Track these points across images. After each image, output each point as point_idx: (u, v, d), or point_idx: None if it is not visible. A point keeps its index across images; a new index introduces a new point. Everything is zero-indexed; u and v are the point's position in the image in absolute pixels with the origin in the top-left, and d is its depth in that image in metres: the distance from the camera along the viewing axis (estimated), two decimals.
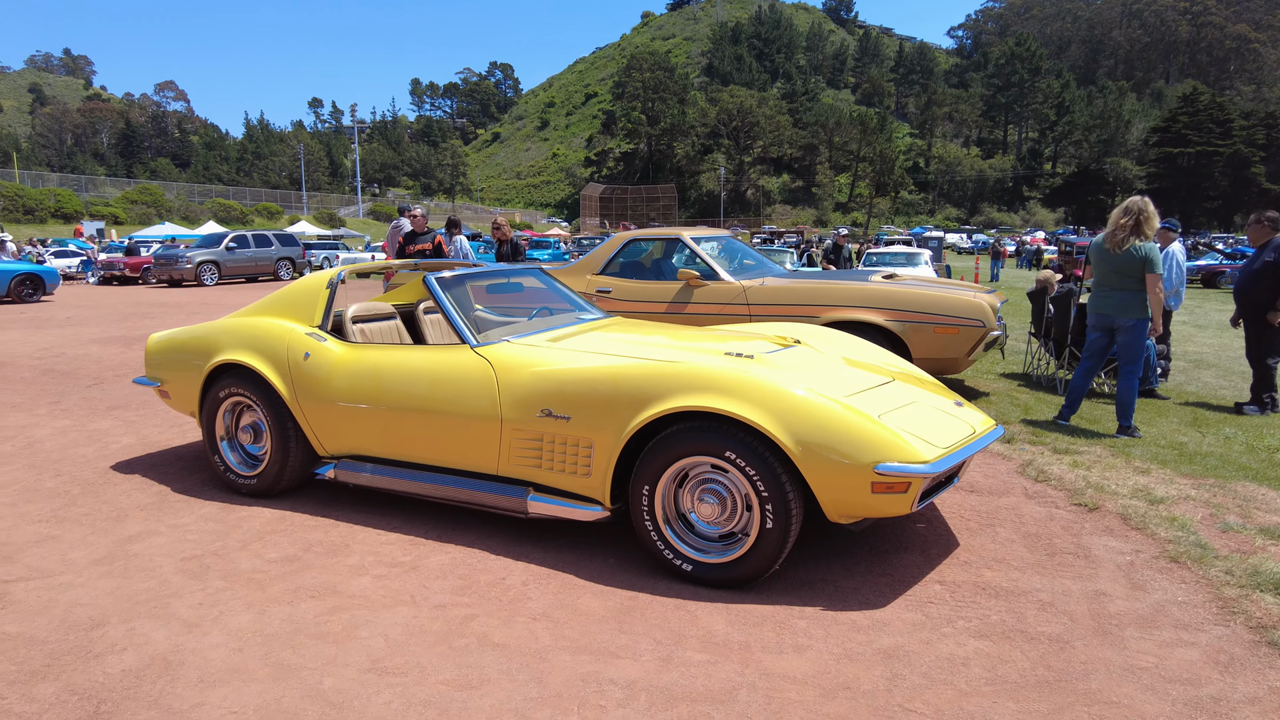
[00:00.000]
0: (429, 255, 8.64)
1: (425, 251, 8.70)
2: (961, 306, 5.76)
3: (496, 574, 3.30)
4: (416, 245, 8.84)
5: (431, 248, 8.75)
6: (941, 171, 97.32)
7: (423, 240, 8.86)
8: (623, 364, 3.30)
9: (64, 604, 3.08)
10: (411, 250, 8.78)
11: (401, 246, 8.87)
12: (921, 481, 2.85)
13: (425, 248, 8.75)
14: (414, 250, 8.78)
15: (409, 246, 8.82)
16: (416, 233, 8.99)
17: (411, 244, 8.89)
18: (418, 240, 8.92)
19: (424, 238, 8.90)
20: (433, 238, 8.89)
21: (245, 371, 4.20)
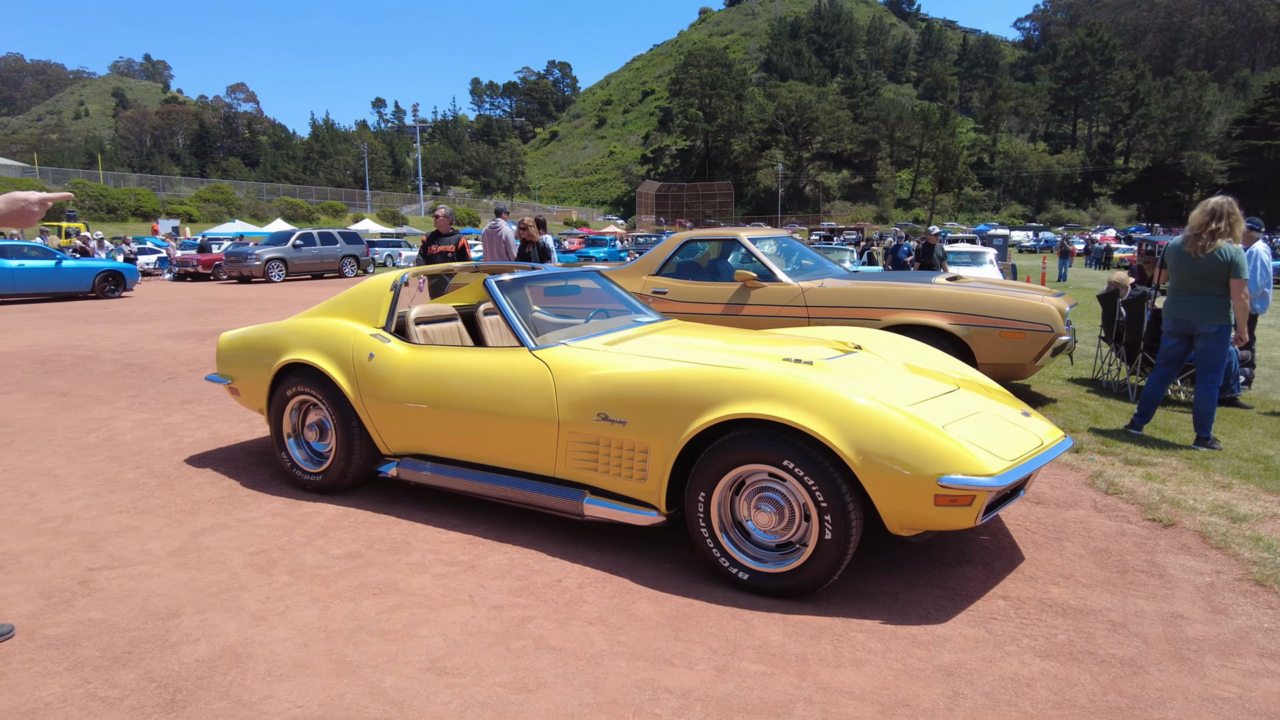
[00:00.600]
0: (452, 257, 8.40)
1: (449, 253, 8.44)
2: (1029, 310, 5.59)
3: (553, 576, 3.33)
4: (440, 246, 8.54)
5: (455, 249, 8.48)
6: (1006, 167, 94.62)
7: (446, 241, 8.56)
8: (679, 369, 3.29)
9: (142, 593, 3.21)
10: (435, 251, 8.51)
11: (424, 245, 8.63)
12: (986, 495, 2.78)
13: (448, 249, 8.47)
14: (437, 251, 8.50)
15: (431, 247, 8.55)
16: (440, 233, 8.67)
17: (435, 244, 8.58)
18: (441, 241, 8.60)
19: (448, 239, 8.59)
20: (457, 239, 8.58)
21: (312, 371, 4.32)
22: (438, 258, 8.51)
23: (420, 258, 8.64)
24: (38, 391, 7.35)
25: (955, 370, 3.98)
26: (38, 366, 8.74)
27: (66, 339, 11.02)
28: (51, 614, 3.05)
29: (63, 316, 14.18)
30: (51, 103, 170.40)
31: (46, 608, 3.10)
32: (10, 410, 6.59)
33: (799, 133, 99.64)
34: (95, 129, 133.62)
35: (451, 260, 8.25)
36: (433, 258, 8.54)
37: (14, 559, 3.58)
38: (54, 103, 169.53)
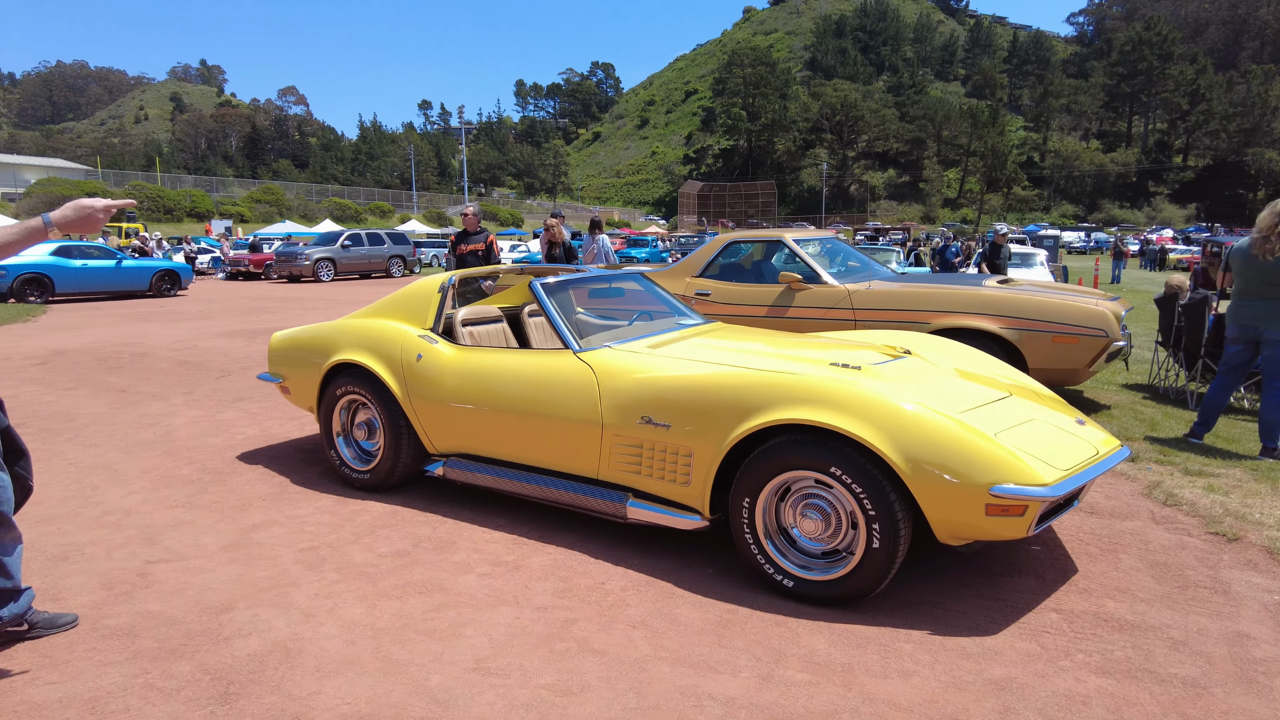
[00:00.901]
0: (480, 256, 8.36)
1: (478, 252, 8.39)
2: (1082, 314, 5.44)
3: (596, 578, 3.33)
4: (469, 245, 8.46)
5: (484, 248, 8.41)
6: (1057, 166, 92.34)
7: (475, 240, 8.48)
8: (723, 372, 3.27)
9: (197, 587, 3.30)
10: (464, 250, 8.43)
11: (453, 245, 8.57)
12: (1039, 505, 2.70)
13: (478, 248, 8.41)
14: (466, 250, 8.42)
15: (460, 246, 8.47)
16: (468, 232, 8.56)
17: (464, 243, 8.50)
18: (470, 240, 8.50)
19: (476, 237, 8.51)
20: (485, 238, 8.49)
21: (361, 371, 4.39)
22: (468, 257, 8.46)
23: (450, 255, 8.61)
24: (99, 388, 7.60)
25: (1007, 376, 3.89)
26: (99, 363, 9.04)
27: (125, 337, 11.38)
28: (112, 605, 3.14)
29: (122, 314, 14.65)
30: (113, 107, 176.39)
31: (108, 598, 3.20)
32: (75, 405, 6.82)
33: (844, 132, 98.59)
34: (154, 132, 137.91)
35: (481, 259, 8.31)
36: (463, 257, 8.50)
37: (78, 550, 3.70)
38: (115, 107, 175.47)
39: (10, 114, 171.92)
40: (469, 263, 8.39)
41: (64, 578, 3.40)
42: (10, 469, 2.73)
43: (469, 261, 8.41)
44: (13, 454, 2.73)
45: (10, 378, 8.16)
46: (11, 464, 2.73)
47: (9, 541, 2.75)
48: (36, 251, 16.95)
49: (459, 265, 8.33)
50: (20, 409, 6.63)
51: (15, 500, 2.76)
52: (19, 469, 2.76)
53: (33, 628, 2.87)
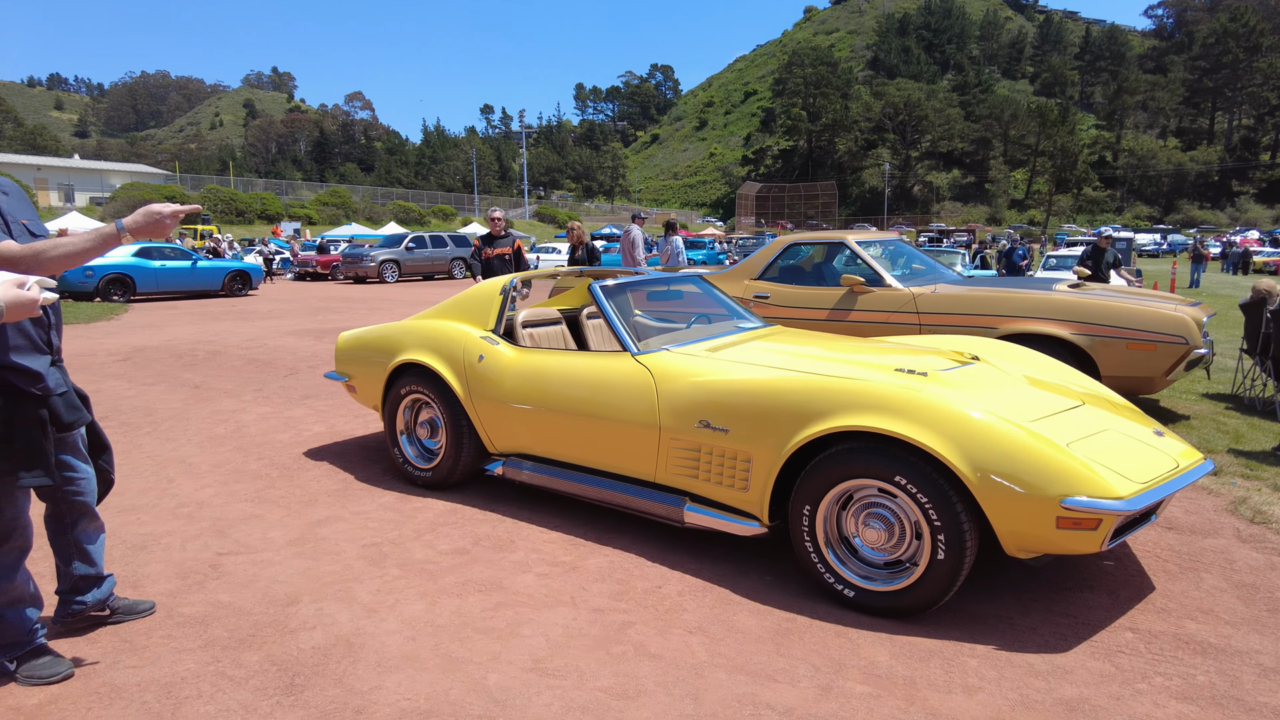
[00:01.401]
0: (508, 261, 8.24)
1: (505, 257, 8.25)
2: (1160, 320, 5.21)
3: (653, 581, 3.32)
4: (496, 249, 8.33)
5: (511, 253, 8.27)
6: (1132, 166, 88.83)
7: (502, 244, 8.33)
8: (784, 377, 3.22)
9: (265, 580, 3.40)
10: (491, 254, 8.30)
11: (478, 249, 8.44)
12: (1114, 519, 2.59)
13: (504, 252, 8.26)
14: (494, 254, 8.29)
15: (486, 250, 8.34)
16: (494, 236, 8.42)
17: (490, 247, 8.37)
18: (496, 244, 8.36)
19: (503, 241, 8.35)
20: (512, 241, 8.32)
21: (425, 371, 4.47)
22: (495, 262, 8.32)
23: (475, 261, 8.50)
24: (176, 384, 7.91)
25: (1079, 384, 3.75)
26: (175, 360, 9.41)
27: (200, 334, 11.83)
28: (187, 594, 3.26)
29: (197, 313, 15.24)
30: (191, 114, 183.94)
31: (182, 588, 3.32)
32: (154, 400, 7.12)
33: (907, 131, 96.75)
34: (228, 138, 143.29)
35: (507, 262, 8.22)
36: (489, 262, 8.35)
37: (155, 540, 3.85)
38: (193, 114, 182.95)
39: (99, 122, 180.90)
40: (495, 268, 8.25)
41: (142, 566, 3.54)
42: (94, 462, 2.86)
43: (495, 266, 8.28)
44: (96, 448, 2.87)
45: (96, 373, 8.55)
46: (95, 457, 2.87)
47: (93, 530, 2.88)
48: (119, 253, 17.74)
49: (484, 271, 8.27)
50: (104, 403, 6.95)
51: (98, 492, 2.89)
52: (102, 462, 2.89)
53: (114, 613, 3.00)
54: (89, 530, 2.87)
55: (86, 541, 2.87)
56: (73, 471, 2.74)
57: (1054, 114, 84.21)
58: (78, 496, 2.78)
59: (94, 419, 2.82)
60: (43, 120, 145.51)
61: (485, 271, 8.28)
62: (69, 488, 2.75)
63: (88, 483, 2.80)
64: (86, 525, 2.85)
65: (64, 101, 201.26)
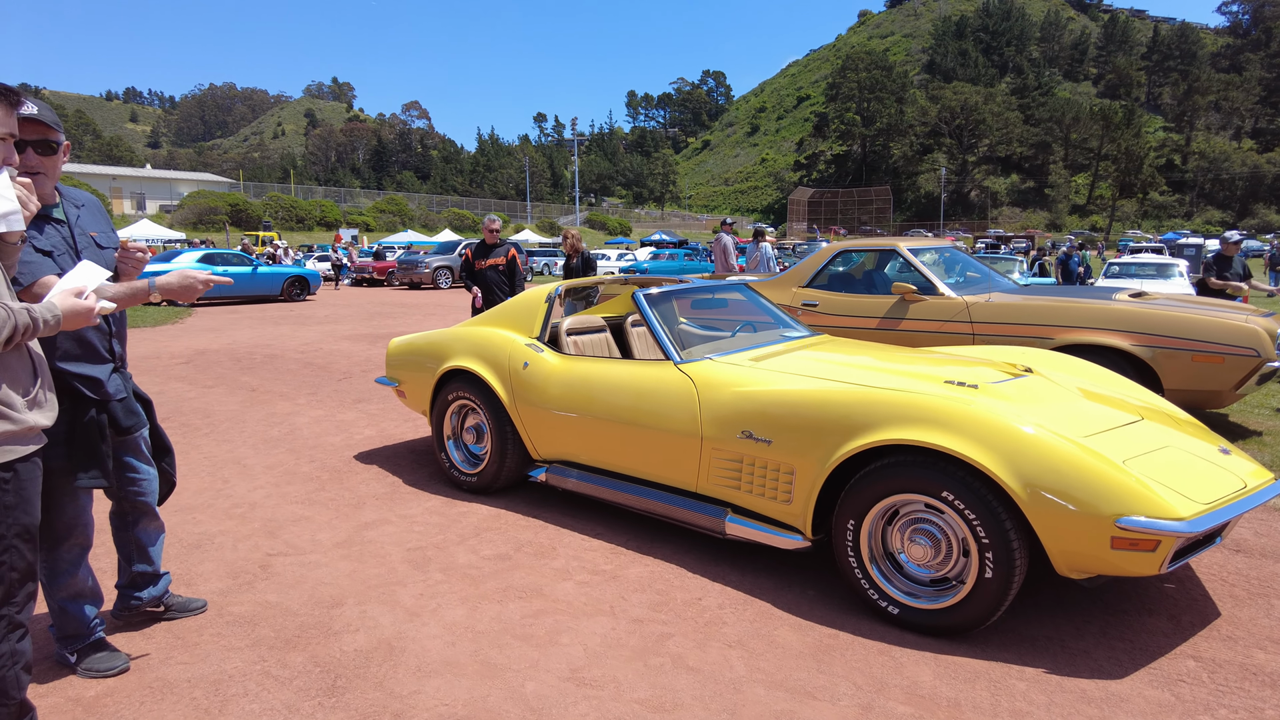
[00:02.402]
0: (502, 272, 7.62)
1: (498, 268, 7.63)
2: (1229, 331, 4.99)
3: (693, 593, 3.30)
4: (490, 260, 7.65)
5: (505, 263, 7.64)
6: (1203, 169, 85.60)
7: (496, 254, 7.67)
8: (829, 388, 3.17)
9: (312, 581, 3.47)
10: (483, 265, 7.64)
11: (469, 262, 7.76)
12: (1174, 541, 2.48)
13: (498, 262, 7.64)
14: (486, 265, 7.63)
15: (479, 261, 7.67)
16: (487, 244, 7.74)
17: (483, 259, 7.68)
18: (490, 254, 7.68)
19: (497, 251, 7.69)
20: (506, 251, 7.68)
21: (471, 377, 4.52)
22: (488, 273, 7.67)
23: (464, 275, 7.87)
24: (234, 386, 8.16)
25: (1138, 398, 3.61)
26: (235, 363, 9.71)
27: (258, 338, 12.18)
28: (237, 593, 3.34)
29: (256, 317, 15.71)
30: (255, 124, 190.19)
31: (233, 587, 3.40)
32: (213, 402, 7.35)
33: (964, 135, 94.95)
34: (289, 147, 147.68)
35: (503, 275, 7.63)
36: (481, 274, 7.69)
37: (209, 539, 3.97)
38: (257, 124, 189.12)
39: (170, 133, 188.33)
40: (489, 278, 7.66)
41: (196, 564, 3.65)
42: (157, 464, 2.96)
43: (489, 277, 7.67)
44: (159, 450, 2.97)
45: (160, 375, 8.87)
46: (158, 459, 2.97)
47: (153, 530, 2.99)
48: (184, 260, 18.42)
49: (476, 282, 7.71)
50: (166, 404, 7.20)
51: (161, 493, 3.00)
52: (164, 465, 2.99)
53: (168, 610, 3.10)
54: (150, 530, 2.97)
55: (147, 541, 2.97)
56: (135, 473, 2.84)
57: (1118, 116, 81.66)
58: (140, 497, 2.88)
59: (158, 422, 2.92)
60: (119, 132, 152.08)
61: (479, 284, 7.70)
62: (131, 488, 2.85)
63: (149, 483, 2.89)
64: (147, 525, 2.96)
65: (138, 114, 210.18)
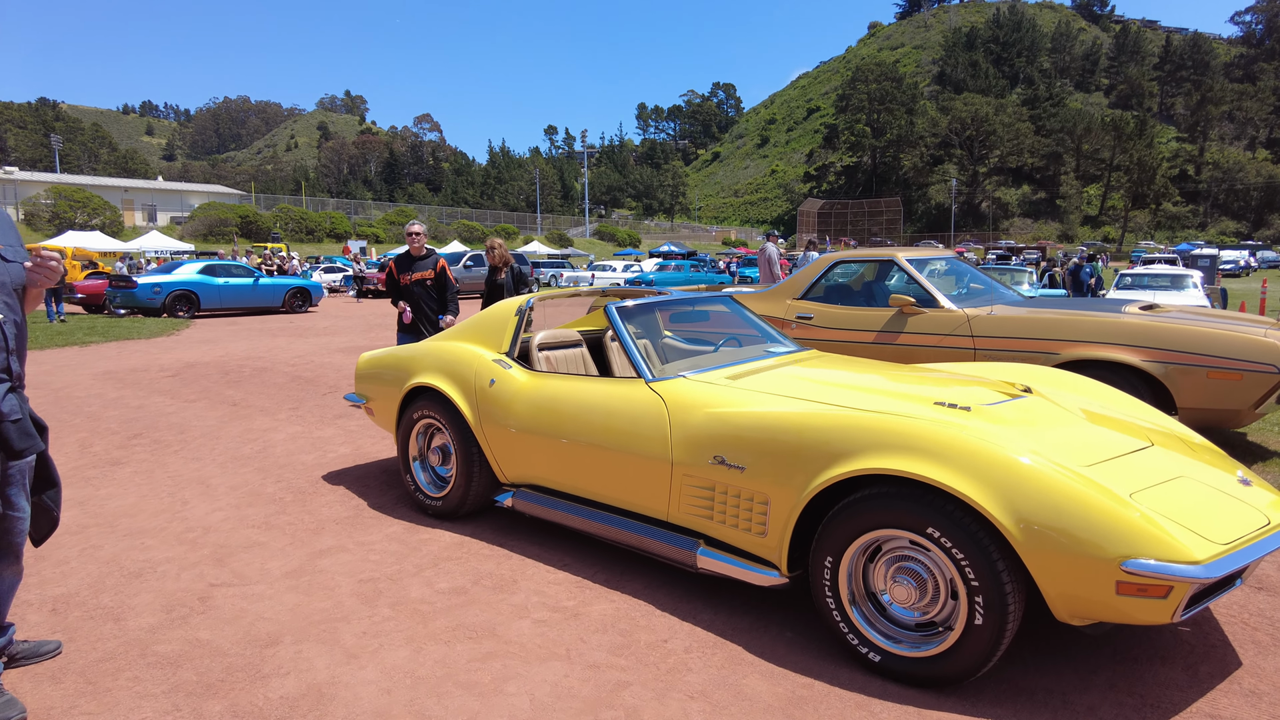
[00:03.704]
0: (430, 288, 6.66)
1: (425, 282, 6.64)
2: (1246, 346, 4.68)
3: (659, 634, 3.02)
4: (415, 274, 6.63)
5: (433, 276, 6.65)
6: (1216, 179, 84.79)
7: (421, 267, 6.65)
8: (807, 410, 2.90)
9: (251, 615, 3.21)
10: (408, 280, 6.63)
11: (393, 275, 6.74)
12: (1187, 587, 2.19)
13: (425, 276, 6.63)
14: (412, 280, 6.63)
15: (403, 275, 6.66)
16: (413, 256, 6.73)
17: (407, 272, 6.65)
18: (415, 267, 6.66)
19: (423, 263, 6.67)
20: (434, 263, 6.68)
21: (437, 394, 4.27)
22: (414, 289, 6.64)
23: (389, 290, 6.86)
24: (216, 400, 7.94)
25: (1148, 420, 3.31)
26: (222, 376, 9.51)
27: (252, 350, 11.99)
28: (168, 629, 3.09)
29: (256, 329, 15.54)
30: (269, 137, 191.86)
31: (165, 622, 3.15)
32: (191, 418, 7.12)
33: (974, 146, 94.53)
34: (302, 159, 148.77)
35: (430, 287, 6.67)
36: (407, 290, 6.67)
37: (152, 567, 3.72)
38: (270, 137, 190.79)
39: (185, 146, 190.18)
40: (416, 294, 6.63)
41: (132, 596, 3.40)
42: (39, 498, 2.67)
43: (416, 293, 6.64)
44: (44, 482, 2.67)
45: (144, 388, 8.67)
46: (40, 492, 2.67)
47: (9, 575, 2.67)
48: (186, 270, 18.32)
49: (402, 298, 6.70)
50: (143, 419, 6.98)
51: (41, 533, 2.69)
52: (47, 499, 2.69)
53: (14, 660, 2.80)
54: (6, 575, 2.65)
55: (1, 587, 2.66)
56: (12, 509, 2.55)
57: (1130, 127, 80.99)
58: (8, 535, 2.58)
59: (47, 450, 2.64)
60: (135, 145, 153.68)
61: (406, 299, 6.69)
62: (2, 524, 2.55)
63: (23, 521, 2.59)
64: (5, 569, 2.64)
65: (154, 127, 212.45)
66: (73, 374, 9.75)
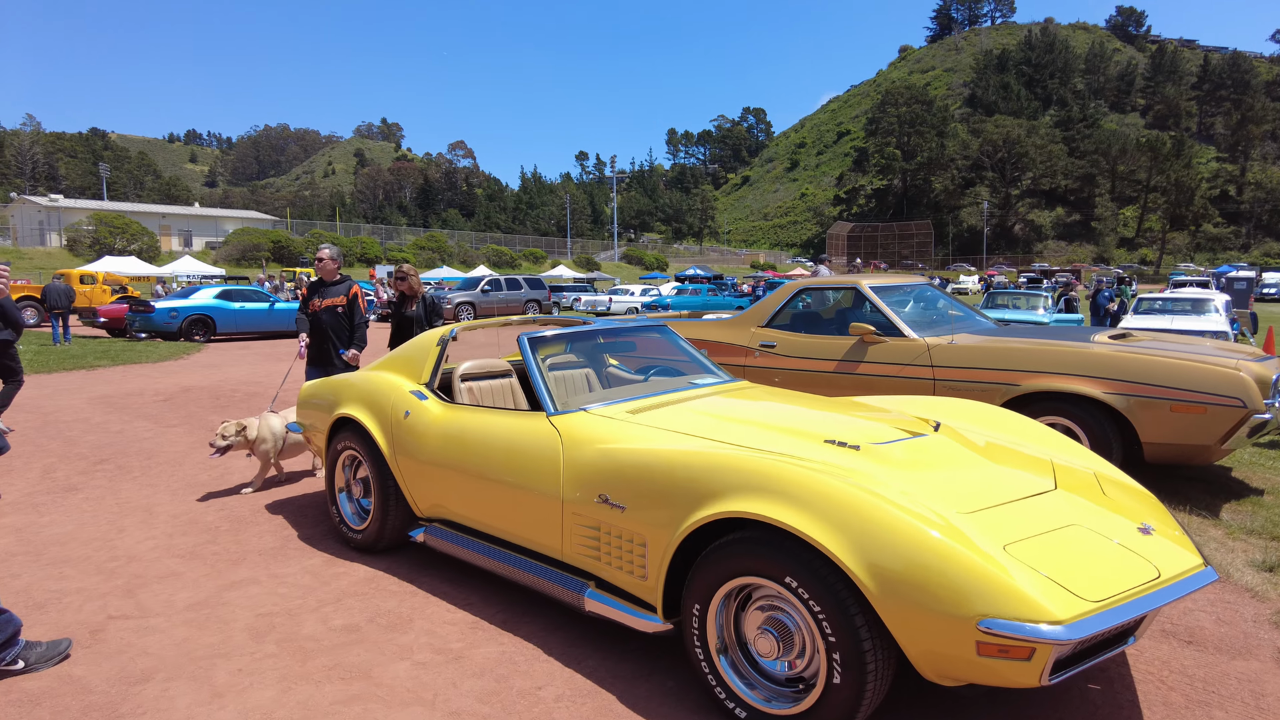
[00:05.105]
0: (342, 314, 6.14)
1: (337, 309, 6.11)
2: (1211, 378, 4.44)
3: (536, 680, 2.89)
4: (326, 300, 6.10)
5: (346, 302, 6.14)
6: (1259, 200, 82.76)
7: (333, 293, 6.14)
8: (684, 449, 2.77)
9: (135, 650, 3.15)
10: (320, 306, 6.10)
11: (304, 301, 6.23)
12: (1050, 649, 2.02)
13: (337, 303, 6.12)
14: (323, 306, 6.09)
15: (315, 301, 6.14)
16: (325, 282, 6.22)
17: (320, 297, 6.13)
18: (327, 293, 6.14)
19: (335, 289, 6.18)
20: (347, 289, 6.19)
21: (357, 425, 4.21)
22: (323, 315, 6.09)
23: (301, 315, 6.25)
24: (195, 426, 7.98)
25: (1066, 461, 3.11)
26: (213, 401, 9.58)
27: (253, 375, 12.10)
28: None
29: (265, 354, 15.72)
30: (307, 164, 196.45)
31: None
32: (165, 443, 7.16)
33: (1006, 169, 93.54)
34: (339, 185, 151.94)
35: (341, 315, 6.13)
36: (315, 317, 6.12)
37: (58, 599, 3.68)
38: (309, 164, 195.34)
39: (226, 173, 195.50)
40: (325, 322, 6.09)
41: (29, 629, 3.35)
42: None
43: (324, 321, 6.09)
44: None
45: (131, 413, 8.76)
46: None
47: None
48: (202, 295, 18.66)
49: (311, 325, 6.15)
50: (117, 444, 7.03)
51: None
52: None
53: None
54: None
55: None
56: None
57: (1167, 147, 79.57)
58: None
59: None
60: (178, 172, 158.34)
61: (313, 328, 6.15)
62: None
63: None
64: None
65: (197, 154, 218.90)
66: (69, 398, 9.90)
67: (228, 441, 5.26)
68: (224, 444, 5.25)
